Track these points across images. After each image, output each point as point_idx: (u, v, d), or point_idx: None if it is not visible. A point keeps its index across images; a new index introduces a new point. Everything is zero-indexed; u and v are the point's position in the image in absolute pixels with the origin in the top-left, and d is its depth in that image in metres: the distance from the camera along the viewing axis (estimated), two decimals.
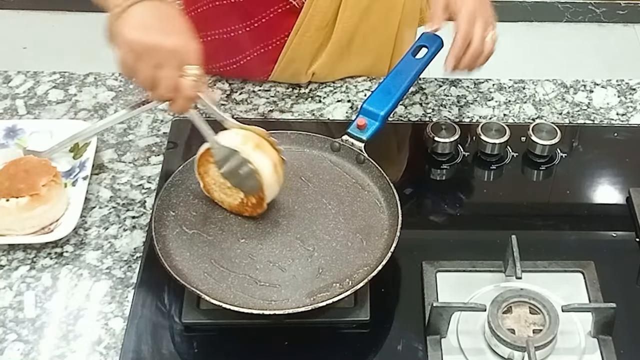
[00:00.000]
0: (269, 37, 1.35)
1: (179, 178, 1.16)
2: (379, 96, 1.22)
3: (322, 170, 1.18)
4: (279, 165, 1.10)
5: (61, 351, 1.04)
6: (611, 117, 1.38)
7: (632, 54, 3.22)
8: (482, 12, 1.21)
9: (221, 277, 1.05)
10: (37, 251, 1.15)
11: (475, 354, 1.03)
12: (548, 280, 1.10)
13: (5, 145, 1.27)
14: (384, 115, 1.21)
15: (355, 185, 1.16)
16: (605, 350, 1.03)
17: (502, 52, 1.31)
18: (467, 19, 1.20)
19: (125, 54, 1.01)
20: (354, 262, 1.07)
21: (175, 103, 1.04)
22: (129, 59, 1.01)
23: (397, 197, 1.11)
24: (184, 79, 1.01)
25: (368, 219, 1.12)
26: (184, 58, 1.01)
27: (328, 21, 1.33)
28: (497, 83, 1.43)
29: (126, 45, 1.01)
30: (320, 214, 1.13)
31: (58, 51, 2.98)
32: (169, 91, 1.02)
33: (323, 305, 1.00)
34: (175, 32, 1.03)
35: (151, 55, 1.00)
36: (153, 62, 1.00)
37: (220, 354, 1.05)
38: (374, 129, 1.20)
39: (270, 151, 1.10)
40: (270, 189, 1.10)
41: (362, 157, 1.18)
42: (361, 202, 1.14)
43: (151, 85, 1.03)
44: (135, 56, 1.01)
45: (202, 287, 1.03)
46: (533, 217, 1.23)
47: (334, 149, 1.20)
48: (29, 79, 1.42)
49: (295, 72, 1.39)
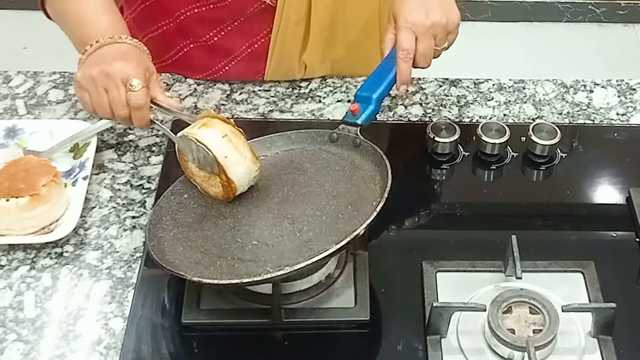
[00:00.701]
0: (251, 36, 1.37)
1: (180, 187, 1.16)
2: (371, 81, 1.23)
3: (320, 161, 1.17)
4: (233, 135, 1.10)
5: (61, 351, 1.04)
6: (611, 117, 1.38)
7: (632, 54, 3.22)
8: (421, 17, 1.19)
9: (210, 262, 1.04)
10: (37, 251, 1.15)
11: (475, 354, 1.03)
12: (548, 280, 1.10)
13: (5, 145, 1.27)
14: (377, 97, 1.21)
15: (352, 167, 1.15)
16: (605, 350, 1.03)
17: (502, 52, 1.31)
18: (404, 35, 1.19)
19: (79, 92, 1.18)
20: (342, 229, 1.04)
21: (133, 117, 1.16)
22: (83, 96, 1.17)
23: (389, 167, 1.08)
24: (129, 93, 1.14)
25: (361, 193, 1.10)
26: (123, 75, 1.14)
27: (304, 14, 1.34)
28: (497, 83, 1.43)
29: (78, 85, 1.17)
30: (314, 195, 1.11)
31: (58, 51, 2.96)
32: (122, 108, 1.15)
33: (302, 266, 0.96)
34: (113, 59, 1.15)
35: (96, 84, 1.15)
36: (100, 89, 1.15)
37: (220, 354, 1.05)
38: (368, 112, 1.20)
39: (218, 125, 1.10)
40: (229, 159, 1.09)
41: (359, 141, 1.17)
42: (356, 180, 1.12)
43: (107, 110, 1.16)
44: (85, 91, 1.16)
45: (190, 273, 1.01)
46: (533, 217, 1.23)
47: (332, 140, 1.19)
48: (29, 79, 1.43)
49: (288, 68, 1.40)
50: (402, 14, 1.20)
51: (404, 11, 1.20)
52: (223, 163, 1.08)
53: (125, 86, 1.14)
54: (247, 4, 1.33)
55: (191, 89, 1.41)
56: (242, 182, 1.11)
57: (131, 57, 1.17)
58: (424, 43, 1.19)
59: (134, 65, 1.15)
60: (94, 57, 1.18)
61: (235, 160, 1.09)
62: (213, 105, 1.38)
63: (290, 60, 1.39)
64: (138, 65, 1.15)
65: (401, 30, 1.19)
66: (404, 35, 1.19)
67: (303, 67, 1.40)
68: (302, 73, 1.41)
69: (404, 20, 1.19)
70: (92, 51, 1.18)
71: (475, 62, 2.89)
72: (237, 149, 1.10)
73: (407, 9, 1.20)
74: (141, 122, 1.17)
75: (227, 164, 1.09)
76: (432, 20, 1.19)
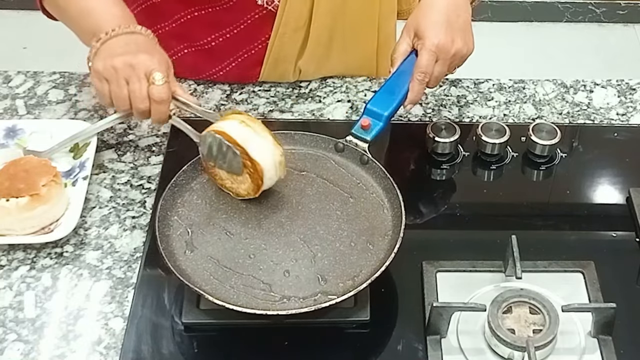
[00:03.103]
0: (250, 41, 1.37)
1: (183, 178, 1.16)
2: (383, 96, 1.22)
3: (325, 171, 1.18)
4: (250, 120, 1.11)
5: (61, 351, 1.04)
6: (611, 117, 1.38)
7: (632, 54, 3.22)
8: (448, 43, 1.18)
9: (224, 278, 1.05)
10: (37, 251, 1.15)
11: (475, 354, 1.03)
12: (548, 280, 1.10)
13: (5, 145, 1.27)
14: (387, 115, 1.20)
15: (359, 186, 1.16)
16: (605, 350, 1.03)
17: (502, 52, 1.32)
18: (427, 57, 1.18)
19: (97, 83, 1.14)
20: (356, 262, 1.07)
21: (153, 111, 1.13)
22: (101, 87, 1.13)
23: (400, 198, 1.11)
24: (152, 87, 1.11)
25: (372, 220, 1.12)
26: (147, 68, 1.11)
27: (304, 21, 1.34)
28: (497, 83, 1.43)
29: (96, 76, 1.13)
30: (323, 214, 1.13)
31: (58, 51, 2.97)
32: (142, 101, 1.11)
33: (325, 306, 1.00)
34: (137, 50, 1.12)
35: (117, 75, 1.11)
36: (121, 81, 1.11)
37: (220, 354, 1.05)
38: (377, 129, 1.20)
39: (234, 116, 1.11)
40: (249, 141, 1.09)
41: (366, 158, 1.18)
42: (365, 203, 1.14)
43: (126, 103, 1.12)
44: (105, 81, 1.12)
45: (205, 287, 1.03)
46: (533, 217, 1.23)
47: (337, 150, 1.20)
48: (29, 79, 1.43)
49: (283, 71, 1.40)
50: (429, 35, 1.18)
51: (431, 32, 1.18)
52: (244, 145, 1.08)
53: (147, 79, 1.11)
54: (248, 9, 1.33)
55: (191, 89, 1.41)
56: (267, 166, 1.09)
57: (153, 49, 1.15)
58: (441, 67, 1.19)
59: (157, 58, 1.13)
60: (110, 46, 1.14)
61: (255, 141, 1.09)
62: (213, 105, 1.38)
63: (285, 65, 1.39)
64: (161, 60, 1.13)
65: (426, 52, 1.18)
66: (427, 57, 1.18)
67: (298, 72, 1.40)
68: (296, 77, 1.41)
69: (430, 43, 1.18)
70: (106, 39, 1.14)
71: (475, 62, 2.89)
72: (255, 132, 1.10)
73: (434, 30, 1.18)
74: (160, 117, 1.14)
75: (247, 145, 1.08)
76: (456, 48, 1.18)
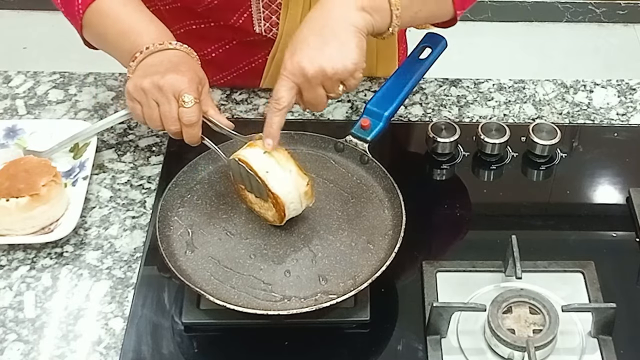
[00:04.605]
0: (251, 55, 1.37)
1: (183, 178, 1.16)
2: (383, 97, 1.22)
3: (325, 170, 1.18)
4: (275, 151, 1.06)
5: (61, 351, 1.04)
6: (611, 117, 1.38)
7: (632, 54, 3.22)
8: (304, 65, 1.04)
9: (225, 278, 1.05)
10: (37, 251, 1.15)
11: (475, 354, 1.03)
12: (548, 280, 1.10)
13: (5, 145, 1.27)
14: (387, 115, 1.20)
15: (360, 186, 1.16)
16: (605, 350, 1.03)
17: (502, 52, 1.31)
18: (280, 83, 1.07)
19: (130, 104, 1.13)
20: (357, 262, 1.07)
21: (184, 134, 1.11)
22: (134, 107, 1.12)
23: (401, 198, 1.11)
24: (181, 109, 1.09)
25: (372, 220, 1.12)
26: (175, 89, 1.08)
27: None
28: (497, 83, 1.43)
29: (128, 96, 1.12)
30: (324, 214, 1.13)
31: (58, 51, 2.97)
32: (173, 123, 1.10)
33: (326, 306, 1.00)
34: (166, 70, 1.10)
35: (146, 97, 1.10)
36: (151, 102, 1.10)
37: (220, 354, 1.05)
38: (377, 129, 1.20)
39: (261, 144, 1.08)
40: (271, 174, 1.05)
41: (366, 158, 1.18)
42: (365, 203, 1.14)
43: (158, 124, 1.11)
44: (137, 102, 1.11)
45: (206, 288, 1.03)
46: (533, 217, 1.23)
47: (337, 149, 1.20)
48: (29, 79, 1.42)
49: None
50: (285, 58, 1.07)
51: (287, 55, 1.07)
52: (264, 177, 1.06)
53: (177, 101, 1.08)
54: (247, 33, 1.32)
55: None
56: (290, 199, 1.07)
57: (184, 68, 1.11)
58: (310, 92, 1.07)
59: (187, 77, 1.09)
60: (144, 65, 1.13)
61: (277, 174, 1.06)
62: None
63: None
64: (192, 78, 1.10)
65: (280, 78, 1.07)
66: (280, 83, 1.07)
67: None
68: None
69: (283, 68, 1.07)
70: (142, 58, 1.13)
71: (475, 62, 2.90)
72: (278, 163, 1.07)
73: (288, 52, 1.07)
74: (192, 139, 1.11)
75: (268, 178, 1.06)
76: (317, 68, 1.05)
